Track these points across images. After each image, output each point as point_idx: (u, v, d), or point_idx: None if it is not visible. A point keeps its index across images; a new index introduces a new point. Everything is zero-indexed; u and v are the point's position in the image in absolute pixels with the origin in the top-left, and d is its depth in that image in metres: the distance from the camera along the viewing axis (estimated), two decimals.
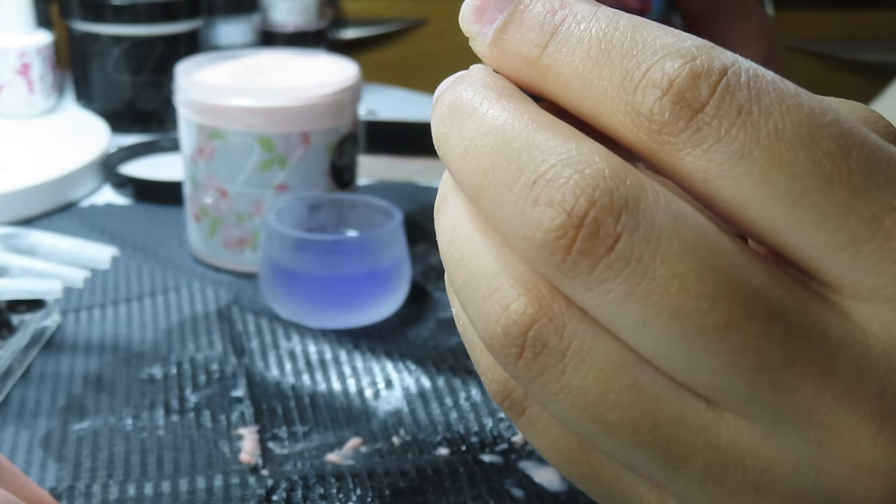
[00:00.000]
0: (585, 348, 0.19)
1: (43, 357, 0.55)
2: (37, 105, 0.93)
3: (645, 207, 0.18)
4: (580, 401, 0.20)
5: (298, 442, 0.48)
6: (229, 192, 0.64)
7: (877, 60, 1.47)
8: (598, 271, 0.18)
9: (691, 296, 0.18)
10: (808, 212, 0.18)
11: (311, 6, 1.06)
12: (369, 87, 1.01)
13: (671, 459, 0.20)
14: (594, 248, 0.18)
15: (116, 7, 0.91)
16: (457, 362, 0.55)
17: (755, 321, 0.18)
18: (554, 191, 0.18)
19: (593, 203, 0.18)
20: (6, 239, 0.57)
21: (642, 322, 0.18)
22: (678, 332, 0.18)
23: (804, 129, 0.18)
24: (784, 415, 0.19)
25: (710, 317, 0.18)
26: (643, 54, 0.19)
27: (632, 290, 0.18)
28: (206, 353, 0.56)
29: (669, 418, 0.19)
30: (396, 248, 0.59)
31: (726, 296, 0.18)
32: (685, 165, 0.19)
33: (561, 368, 0.20)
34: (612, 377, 0.19)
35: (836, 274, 0.18)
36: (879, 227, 0.18)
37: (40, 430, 0.48)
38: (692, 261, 0.18)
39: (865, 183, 0.18)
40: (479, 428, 0.49)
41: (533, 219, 0.19)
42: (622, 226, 0.18)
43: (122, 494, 0.43)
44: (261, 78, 0.67)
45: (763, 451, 0.19)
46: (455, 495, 0.44)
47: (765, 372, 0.18)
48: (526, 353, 0.20)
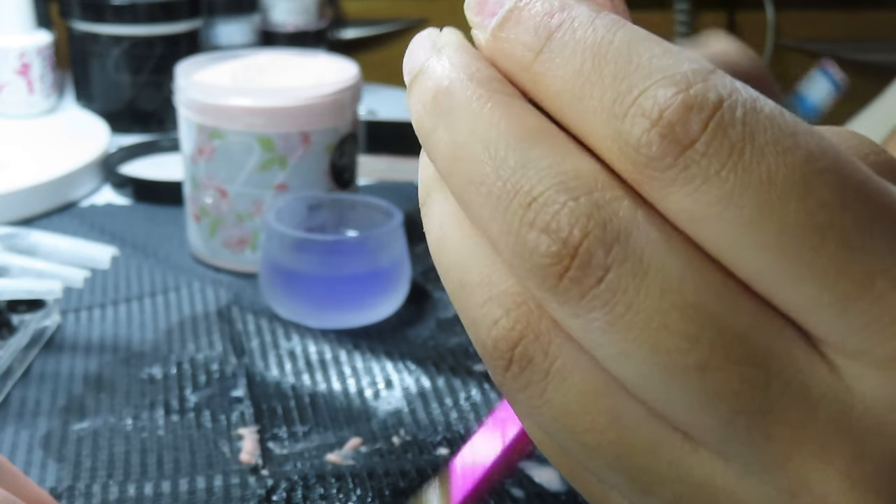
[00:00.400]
0: (568, 368, 0.19)
1: (43, 357, 0.55)
2: (37, 105, 0.93)
3: (635, 241, 0.18)
4: (560, 418, 0.20)
5: (298, 442, 0.48)
6: (229, 192, 0.64)
7: (877, 60, 1.47)
8: (587, 300, 0.18)
9: (672, 333, 0.18)
10: (796, 265, 0.17)
11: (311, 6, 1.06)
12: (369, 87, 1.01)
13: (643, 486, 0.20)
14: (585, 278, 0.18)
15: (116, 7, 0.91)
16: (457, 362, 0.55)
17: (736, 364, 0.18)
18: (549, 217, 0.18)
19: (587, 234, 0.18)
20: (6, 239, 0.57)
21: (623, 353, 0.18)
22: (658, 366, 0.18)
23: (798, 175, 0.17)
24: (758, 460, 0.18)
25: (690, 356, 0.18)
26: (636, 76, 0.18)
27: (616, 320, 0.18)
28: (206, 353, 0.56)
29: (645, 447, 0.19)
30: (396, 248, 0.59)
31: (708, 336, 0.18)
32: (671, 203, 0.18)
33: (544, 385, 0.20)
34: (592, 400, 0.19)
35: (823, 330, 0.18)
36: (870, 287, 0.17)
37: (40, 430, 0.48)
38: (676, 298, 0.18)
39: (859, 238, 0.17)
40: (479, 427, 0.49)
41: (528, 242, 0.18)
42: (612, 258, 0.18)
43: (122, 494, 0.43)
44: (261, 78, 0.67)
45: (736, 491, 0.19)
46: None
47: (741, 416, 0.18)
48: (513, 367, 0.20)
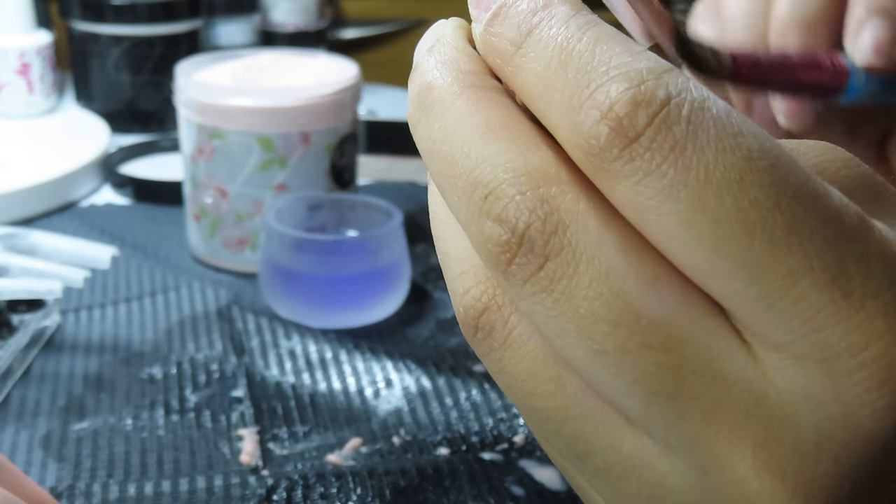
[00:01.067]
0: (522, 339, 0.21)
1: (43, 357, 0.55)
2: (37, 105, 0.93)
3: (572, 232, 0.19)
4: (513, 383, 0.22)
5: (299, 442, 0.48)
6: (229, 192, 0.64)
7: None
8: (529, 285, 0.20)
9: (596, 319, 0.19)
10: (726, 260, 0.18)
11: (311, 6, 1.06)
12: (369, 87, 1.01)
13: (577, 451, 0.21)
14: (528, 265, 0.20)
15: (116, 7, 0.91)
16: (457, 362, 0.55)
17: (650, 350, 0.19)
18: (500, 208, 0.20)
19: (529, 225, 0.19)
20: (6, 239, 0.57)
21: (559, 335, 0.20)
22: (585, 349, 0.19)
23: (734, 175, 0.18)
24: (675, 439, 0.19)
25: (610, 341, 0.19)
26: (595, 72, 0.19)
27: (552, 306, 0.20)
28: (206, 352, 0.56)
29: (582, 415, 0.21)
30: (396, 248, 0.59)
31: (626, 323, 0.19)
32: (617, 194, 0.19)
33: (501, 353, 0.22)
34: (540, 368, 0.21)
35: (749, 322, 0.19)
36: (795, 285, 0.18)
37: (40, 430, 0.48)
38: (602, 287, 0.19)
39: (788, 238, 0.18)
40: (479, 427, 0.49)
41: (484, 231, 0.20)
42: (550, 248, 0.19)
43: (123, 494, 0.43)
44: (261, 78, 0.67)
45: (658, 467, 0.20)
46: (455, 494, 0.44)
47: (657, 397, 0.19)
48: (479, 334, 0.22)
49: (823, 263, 0.18)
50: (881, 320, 0.18)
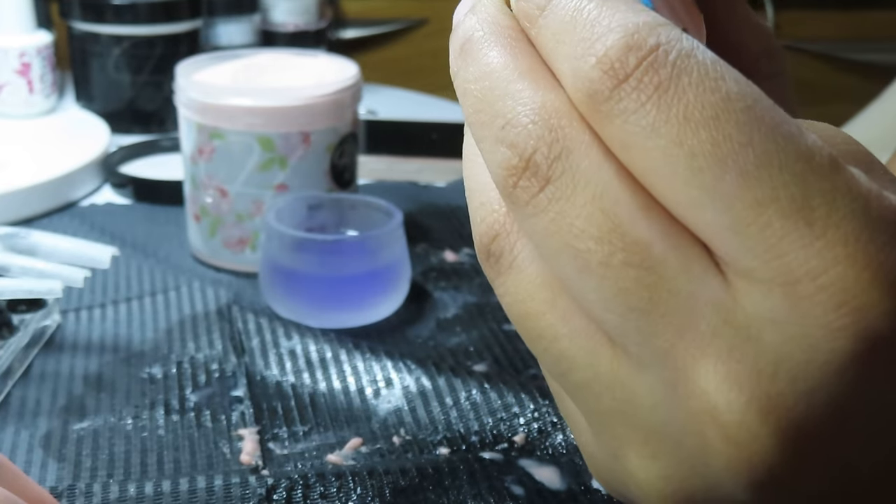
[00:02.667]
0: (524, 263, 0.23)
1: (43, 357, 0.55)
2: (37, 105, 0.93)
3: (574, 158, 0.21)
4: (512, 304, 0.24)
5: (299, 442, 0.48)
6: (229, 192, 0.65)
7: (877, 60, 1.47)
8: (531, 206, 0.22)
9: (586, 236, 0.21)
10: (700, 191, 0.20)
11: (311, 6, 1.06)
12: (369, 87, 1.01)
13: (561, 369, 0.23)
14: (530, 187, 0.22)
15: (116, 7, 0.91)
16: (457, 362, 0.55)
17: (630, 266, 0.21)
18: (514, 135, 0.22)
19: (536, 150, 0.21)
20: (6, 239, 0.57)
21: (553, 253, 0.22)
22: (574, 265, 0.21)
23: (711, 112, 0.19)
24: (647, 355, 0.21)
25: (594, 256, 0.21)
26: (598, 27, 0.21)
27: (549, 225, 0.21)
28: (206, 352, 0.56)
29: (567, 335, 0.23)
30: (396, 248, 0.59)
31: (610, 240, 0.21)
32: (608, 132, 0.21)
33: (506, 276, 0.24)
34: (536, 291, 0.23)
35: (722, 250, 0.20)
36: (762, 214, 0.19)
37: (40, 430, 0.48)
38: (593, 207, 0.21)
39: (757, 171, 0.19)
40: (479, 427, 0.49)
41: (497, 157, 0.22)
42: (552, 171, 0.21)
43: (123, 494, 0.43)
44: (261, 78, 0.67)
45: (631, 383, 0.22)
46: (455, 494, 0.44)
47: (633, 313, 0.21)
48: (490, 259, 0.24)
49: (790, 195, 0.19)
50: (840, 248, 0.19)
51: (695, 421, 0.21)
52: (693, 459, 0.21)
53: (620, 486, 0.24)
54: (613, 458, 0.23)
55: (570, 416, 0.26)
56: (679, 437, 0.21)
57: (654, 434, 0.22)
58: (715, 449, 0.21)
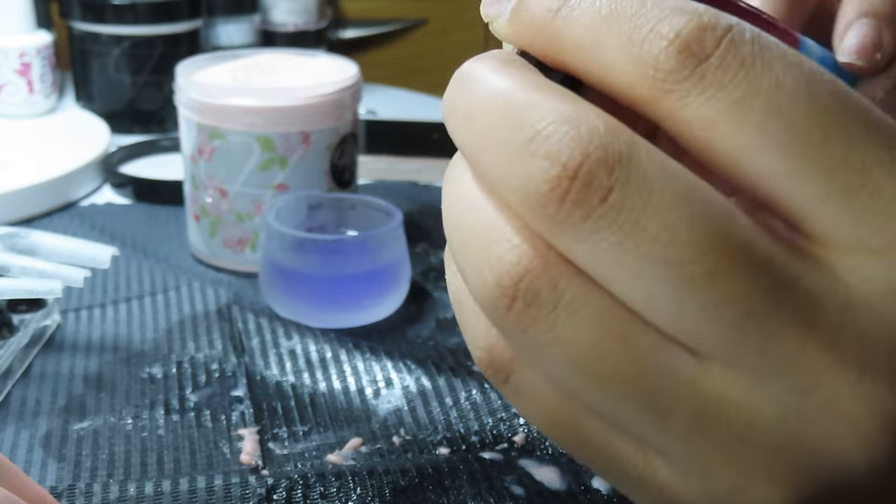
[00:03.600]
0: (579, 300, 0.20)
1: (43, 356, 0.55)
2: (37, 105, 0.93)
3: (638, 161, 0.19)
4: (570, 352, 0.20)
5: (299, 442, 0.48)
6: (229, 192, 0.65)
7: None
8: (591, 221, 0.19)
9: (681, 245, 0.19)
10: (802, 161, 0.19)
11: (311, 6, 1.06)
12: (369, 87, 1.01)
13: (657, 412, 0.20)
14: (587, 199, 0.19)
15: (116, 7, 0.91)
16: (457, 362, 0.55)
17: (742, 270, 0.19)
18: (550, 145, 0.19)
19: (588, 156, 0.19)
20: (6, 239, 0.57)
21: (633, 272, 0.19)
22: (667, 281, 0.19)
23: (803, 83, 0.19)
24: (768, 364, 0.19)
25: (699, 265, 0.19)
26: (651, 12, 0.20)
27: (623, 240, 0.19)
28: (206, 352, 0.56)
29: (657, 370, 0.20)
30: (396, 248, 0.59)
31: (715, 245, 0.19)
32: (686, 113, 0.19)
33: (553, 319, 0.20)
34: (604, 329, 0.20)
35: (823, 224, 0.19)
36: (869, 178, 0.19)
37: (40, 430, 0.48)
38: (683, 212, 0.19)
39: (860, 136, 0.19)
40: (479, 427, 0.49)
41: (529, 172, 0.19)
42: (615, 178, 0.19)
43: (123, 493, 0.43)
44: (261, 78, 0.67)
45: (747, 402, 0.20)
46: (455, 494, 0.44)
47: (750, 320, 0.19)
48: (517, 304, 0.20)
49: (892, 156, 0.19)
50: None
51: (832, 423, 0.19)
52: (829, 465, 0.20)
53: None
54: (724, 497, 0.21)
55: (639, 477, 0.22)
56: (813, 446, 0.19)
57: (782, 451, 0.20)
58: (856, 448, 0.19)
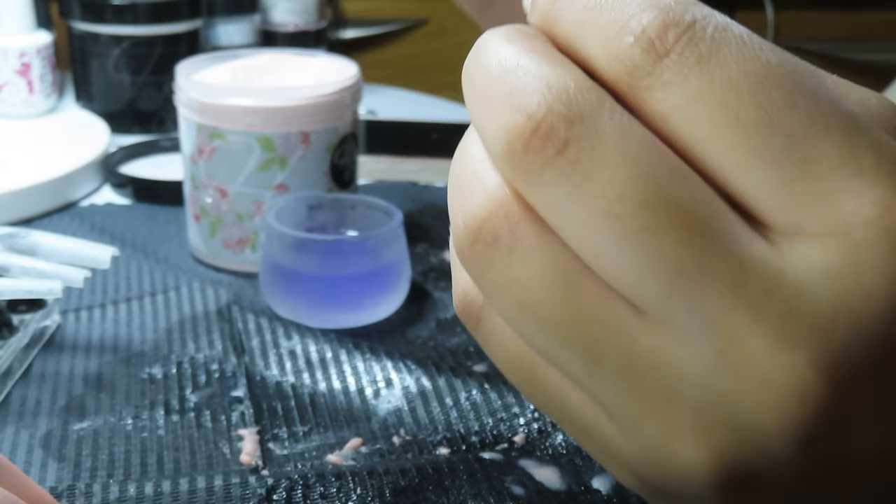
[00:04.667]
0: (534, 247, 0.22)
1: (43, 357, 0.55)
2: (37, 105, 0.93)
3: (597, 119, 0.20)
4: (520, 295, 0.22)
5: (299, 442, 0.48)
6: (229, 192, 0.65)
7: (877, 60, 1.47)
8: (548, 171, 0.21)
9: (624, 200, 0.20)
10: (747, 153, 0.20)
11: (311, 6, 1.06)
12: (369, 87, 1.01)
13: (592, 359, 0.22)
14: (544, 149, 0.20)
15: (116, 7, 0.91)
16: (457, 362, 0.55)
17: (678, 229, 0.20)
18: (522, 99, 0.21)
19: (551, 109, 0.20)
20: (6, 239, 0.57)
21: (580, 222, 0.20)
22: (610, 234, 0.20)
23: (754, 79, 0.20)
24: (694, 322, 0.20)
25: (637, 220, 0.20)
26: (629, 7, 0.21)
27: (574, 190, 0.20)
28: (206, 352, 0.56)
29: (596, 318, 0.21)
30: (396, 248, 0.59)
31: (655, 203, 0.20)
32: (649, 106, 0.21)
33: (507, 263, 0.22)
34: (552, 275, 0.21)
35: (769, 211, 0.20)
36: (812, 169, 0.20)
37: (40, 430, 0.48)
38: (631, 169, 0.20)
39: (805, 130, 0.20)
40: (479, 427, 0.49)
41: (502, 122, 0.21)
42: (573, 133, 0.20)
43: (123, 494, 0.43)
44: (261, 78, 0.67)
45: (674, 358, 0.21)
46: (455, 494, 0.44)
47: (680, 278, 0.20)
48: (478, 246, 0.22)
49: (838, 150, 0.19)
50: (892, 194, 0.19)
51: (751, 386, 0.20)
52: (750, 430, 0.20)
53: (660, 481, 0.23)
54: (654, 452, 0.22)
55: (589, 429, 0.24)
56: (731, 406, 0.20)
57: (704, 409, 0.21)
58: (775, 414, 0.20)
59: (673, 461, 0.22)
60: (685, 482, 0.22)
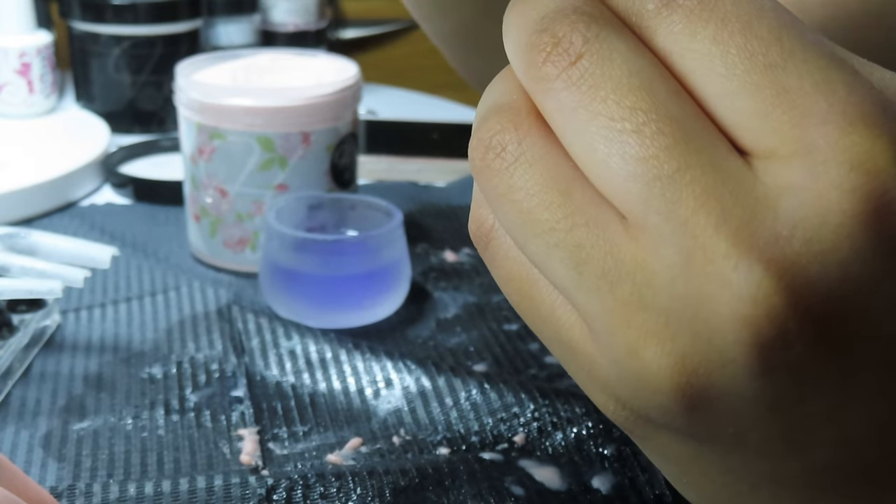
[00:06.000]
0: (536, 157, 0.23)
1: (43, 357, 0.55)
2: (37, 105, 0.93)
3: (610, 40, 0.22)
4: (520, 198, 0.24)
5: (299, 442, 0.48)
6: (229, 192, 0.65)
7: None
8: (561, 80, 0.22)
9: (618, 105, 0.22)
10: (732, 81, 0.22)
11: (311, 6, 1.06)
12: (369, 87, 1.01)
13: (576, 262, 0.23)
14: (561, 60, 0.23)
15: (116, 7, 0.91)
16: (457, 362, 0.55)
17: (663, 135, 0.22)
18: (549, 22, 0.23)
19: (573, 29, 0.23)
20: (6, 239, 0.57)
21: (582, 127, 0.22)
22: (605, 135, 0.22)
23: (745, 17, 0.22)
24: (667, 225, 0.22)
25: (626, 123, 0.22)
26: None
27: (580, 98, 0.22)
28: (206, 352, 0.56)
29: (585, 222, 0.23)
30: (396, 248, 0.59)
31: (645, 109, 0.22)
32: (658, 42, 0.23)
33: (511, 171, 0.24)
34: (551, 181, 0.23)
35: (749, 137, 0.22)
36: (786, 99, 0.21)
37: (40, 430, 0.48)
38: (631, 81, 0.22)
39: (784, 63, 0.21)
40: (479, 427, 0.49)
41: (530, 41, 0.23)
42: (586, 48, 0.22)
43: (123, 494, 0.43)
44: (261, 78, 0.67)
45: (650, 261, 0.22)
46: (455, 494, 0.44)
47: (659, 181, 0.21)
48: (488, 154, 0.24)
49: (813, 81, 0.21)
50: (859, 120, 0.21)
51: (711, 289, 0.21)
52: (708, 334, 0.22)
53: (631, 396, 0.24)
54: (625, 359, 0.23)
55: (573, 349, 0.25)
56: (695, 310, 0.22)
57: (671, 315, 0.22)
58: (729, 316, 0.21)
59: (641, 369, 0.23)
60: (653, 393, 0.23)
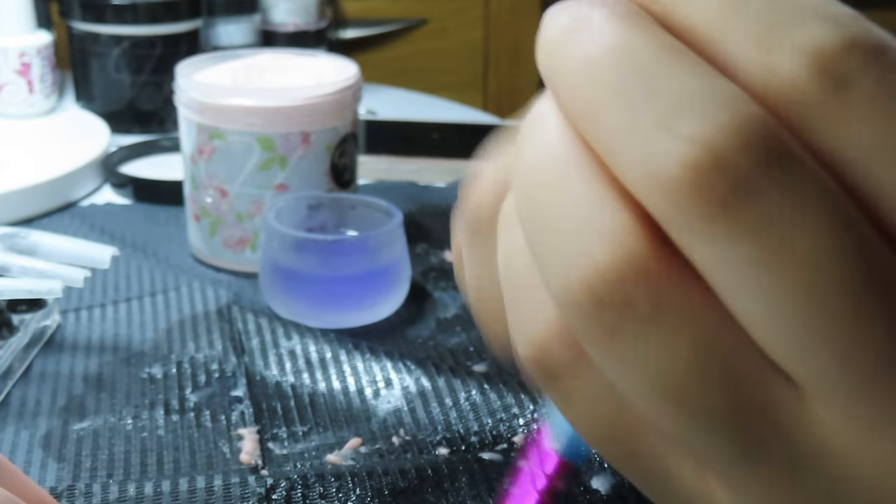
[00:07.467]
0: (682, 318, 0.17)
1: (43, 357, 0.55)
2: (37, 105, 0.93)
3: (798, 169, 0.16)
4: (660, 377, 0.17)
5: (298, 442, 0.48)
6: (229, 192, 0.65)
7: None
8: (731, 223, 0.16)
9: (828, 276, 0.16)
10: None
11: (311, 6, 1.06)
12: (369, 87, 1.01)
13: (743, 450, 0.18)
14: (734, 199, 0.16)
15: (116, 7, 0.91)
16: (457, 362, 0.55)
17: (886, 319, 0.16)
18: (697, 123, 0.16)
19: (745, 146, 0.16)
20: (6, 239, 0.57)
21: (764, 291, 0.16)
22: (801, 310, 0.16)
23: None
24: (885, 419, 0.17)
25: (847, 302, 0.16)
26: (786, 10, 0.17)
27: (763, 253, 0.16)
28: (206, 352, 0.56)
29: (758, 407, 0.17)
30: (396, 248, 0.59)
31: (863, 283, 0.16)
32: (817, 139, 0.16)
33: (645, 337, 0.17)
34: (708, 354, 0.17)
35: None
36: None
37: (40, 430, 0.48)
38: (836, 238, 0.16)
39: None
40: (478, 427, 0.49)
41: (664, 149, 0.16)
42: (772, 181, 0.16)
43: (123, 494, 0.43)
44: (261, 78, 0.67)
45: (850, 457, 0.17)
46: (455, 494, 0.44)
47: (882, 374, 0.16)
48: (608, 314, 0.17)
49: None
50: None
51: None
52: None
53: None
54: None
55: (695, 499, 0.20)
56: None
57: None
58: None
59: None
60: None
